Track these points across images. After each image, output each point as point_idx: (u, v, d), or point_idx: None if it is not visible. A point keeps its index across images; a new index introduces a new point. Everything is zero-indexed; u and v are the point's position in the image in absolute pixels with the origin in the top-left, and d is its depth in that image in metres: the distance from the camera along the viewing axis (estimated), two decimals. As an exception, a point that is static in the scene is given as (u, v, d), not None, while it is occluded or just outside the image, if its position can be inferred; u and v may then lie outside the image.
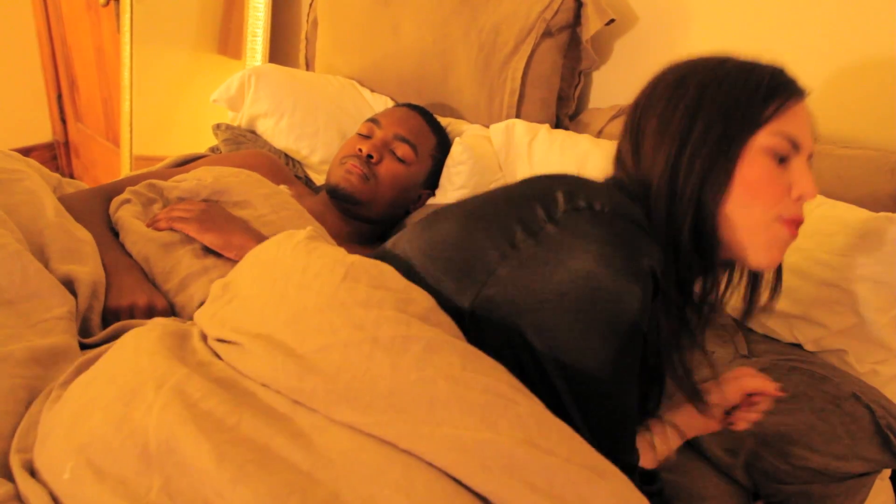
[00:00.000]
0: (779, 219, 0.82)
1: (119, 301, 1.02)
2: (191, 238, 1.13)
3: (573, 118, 1.60)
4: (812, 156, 0.87)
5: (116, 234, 1.17)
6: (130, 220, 1.16)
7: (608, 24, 1.43)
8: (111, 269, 1.06)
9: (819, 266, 1.10)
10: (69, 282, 0.97)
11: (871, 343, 1.11)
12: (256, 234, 1.15)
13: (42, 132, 3.33)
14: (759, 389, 0.92)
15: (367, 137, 1.42)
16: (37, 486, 0.65)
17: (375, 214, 1.43)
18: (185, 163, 1.51)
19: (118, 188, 1.26)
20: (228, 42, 2.33)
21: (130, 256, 1.13)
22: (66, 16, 2.98)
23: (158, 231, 1.14)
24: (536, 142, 1.42)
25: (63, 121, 3.30)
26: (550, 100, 1.54)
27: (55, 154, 3.38)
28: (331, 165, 1.45)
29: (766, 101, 0.85)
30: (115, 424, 0.64)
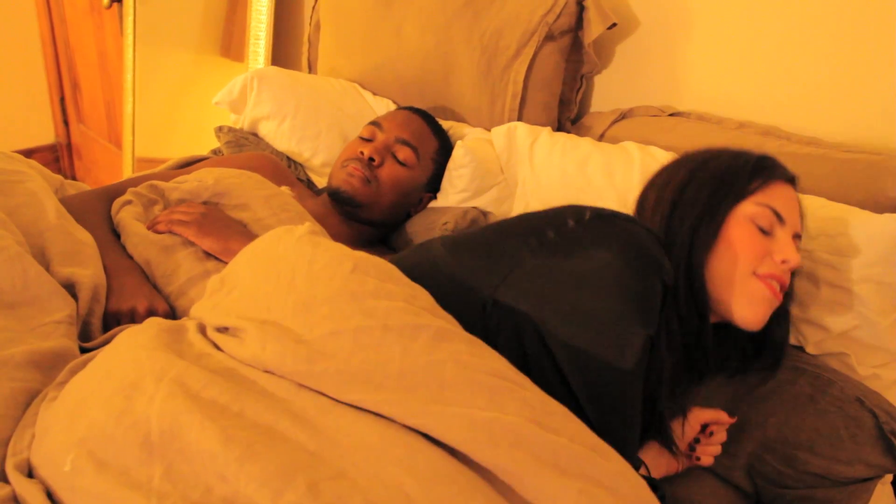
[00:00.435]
0: (755, 274, 0.92)
1: (120, 304, 1.02)
2: (191, 241, 1.13)
3: (575, 122, 1.60)
4: (800, 236, 0.97)
5: (118, 236, 1.17)
6: (131, 223, 1.16)
7: (610, 28, 1.43)
8: (112, 272, 1.06)
9: (822, 267, 1.10)
10: (70, 285, 0.97)
11: (873, 346, 1.11)
12: (254, 238, 1.14)
13: (44, 134, 3.33)
14: (713, 419, 0.98)
15: (369, 140, 1.43)
16: (32, 486, 0.66)
17: (377, 217, 1.43)
18: (188, 165, 1.51)
19: (120, 190, 1.26)
20: (231, 45, 2.33)
21: (131, 259, 1.12)
22: (70, 18, 2.99)
23: (158, 233, 1.14)
24: (538, 145, 1.42)
25: (65, 122, 3.31)
26: (552, 103, 1.54)
27: (57, 156, 3.39)
28: (332, 168, 1.45)
29: (752, 177, 0.96)
30: (116, 416, 0.65)
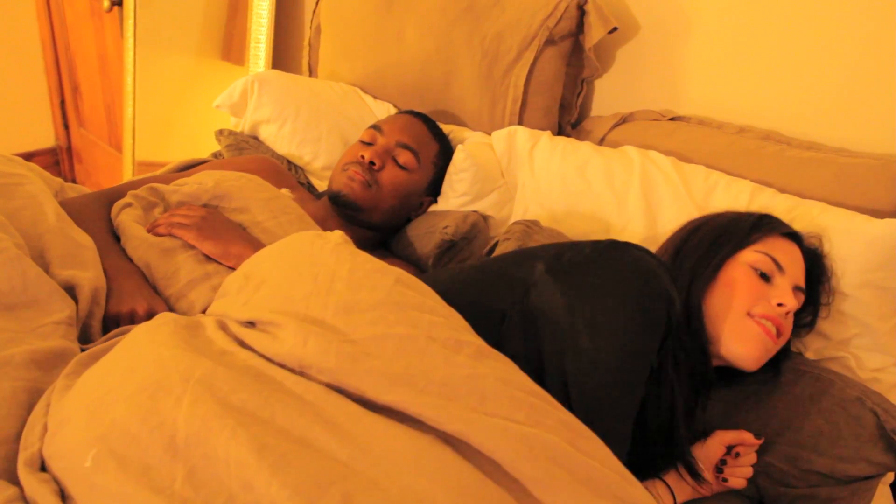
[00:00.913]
0: (749, 315, 0.96)
1: (119, 307, 1.01)
2: (191, 244, 1.13)
3: (575, 126, 1.60)
4: (803, 290, 1.02)
5: (118, 239, 1.17)
6: (131, 225, 1.16)
7: (611, 33, 1.44)
8: (112, 275, 1.06)
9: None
10: (70, 287, 0.97)
11: (873, 351, 1.11)
12: (255, 243, 1.15)
13: (45, 137, 3.33)
14: (737, 441, 0.99)
15: (370, 144, 1.42)
16: (43, 487, 0.65)
17: (377, 221, 1.42)
18: (188, 168, 1.51)
19: (120, 192, 1.26)
20: (232, 48, 2.33)
21: (131, 261, 1.12)
22: (70, 21, 2.99)
23: (158, 236, 1.14)
24: (537, 149, 1.42)
25: (66, 126, 3.31)
26: (553, 107, 1.55)
27: (57, 159, 3.39)
28: (333, 172, 1.45)
29: (753, 229, 1.03)
30: (141, 416, 0.65)
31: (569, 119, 1.59)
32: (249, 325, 0.77)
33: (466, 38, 1.53)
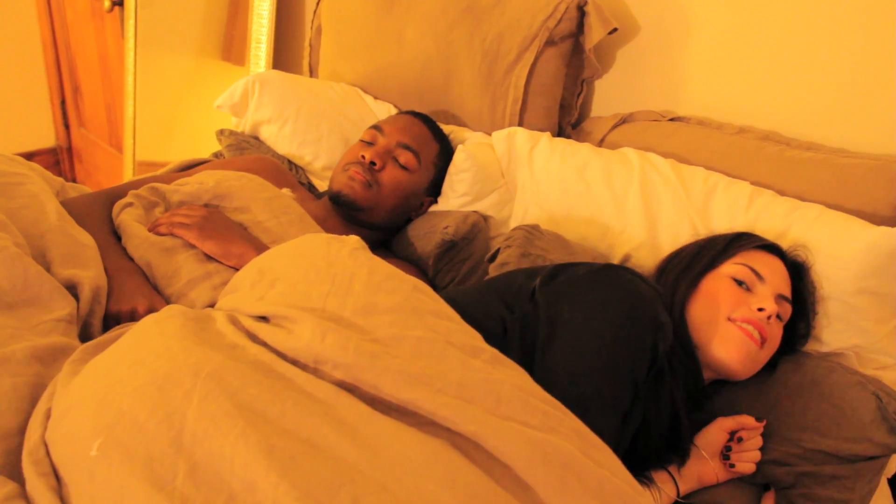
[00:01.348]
0: (731, 319, 0.99)
1: (120, 305, 1.02)
2: (192, 243, 1.13)
3: (575, 126, 1.60)
4: (788, 299, 1.04)
5: (119, 238, 1.17)
6: (132, 224, 1.16)
7: (611, 34, 1.44)
8: (113, 274, 1.06)
9: (819, 278, 1.10)
10: (71, 286, 0.97)
11: (873, 353, 1.11)
12: (256, 243, 1.15)
13: (45, 137, 3.34)
14: (739, 425, 1.00)
15: (371, 144, 1.43)
16: (39, 480, 0.65)
17: (378, 221, 1.43)
18: (189, 167, 1.51)
19: (121, 192, 1.26)
20: (232, 48, 2.33)
21: (132, 260, 1.13)
22: (71, 21, 3.00)
23: (159, 235, 1.14)
24: (537, 150, 1.43)
25: (66, 126, 3.31)
26: (553, 108, 1.55)
27: (58, 159, 3.39)
28: (334, 172, 1.45)
29: (730, 244, 1.07)
30: (149, 407, 0.65)
31: (569, 119, 1.60)
32: (262, 320, 0.78)
33: (467, 39, 1.53)
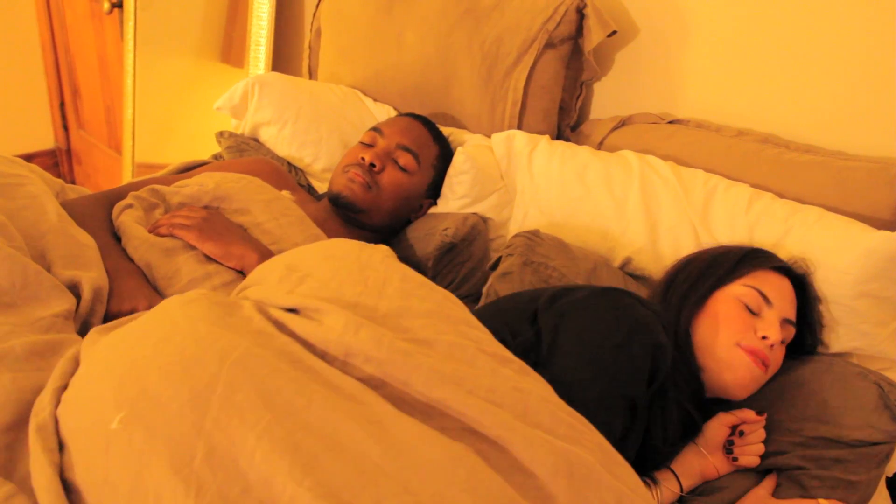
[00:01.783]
0: (738, 345, 0.98)
1: (120, 306, 1.02)
2: (193, 245, 1.13)
3: (574, 129, 1.61)
4: (793, 322, 1.03)
5: (118, 239, 1.17)
6: (132, 226, 1.16)
7: (610, 36, 1.44)
8: (113, 274, 1.06)
9: (820, 282, 1.11)
10: (73, 286, 0.97)
11: (874, 357, 1.12)
12: (256, 244, 1.15)
13: (44, 139, 3.34)
14: (739, 419, 1.00)
15: (370, 146, 1.43)
16: (43, 457, 0.65)
17: (377, 223, 1.43)
18: (189, 169, 1.51)
19: (121, 194, 1.26)
20: (231, 51, 2.34)
21: (132, 261, 1.13)
22: (70, 23, 3.00)
23: (160, 237, 1.14)
24: (536, 153, 1.43)
25: (65, 128, 3.31)
26: (552, 110, 1.55)
27: (57, 161, 3.39)
28: (333, 174, 1.46)
29: (741, 262, 1.04)
30: (174, 388, 0.65)
31: (568, 122, 1.60)
32: (290, 312, 0.78)
33: (466, 42, 1.54)
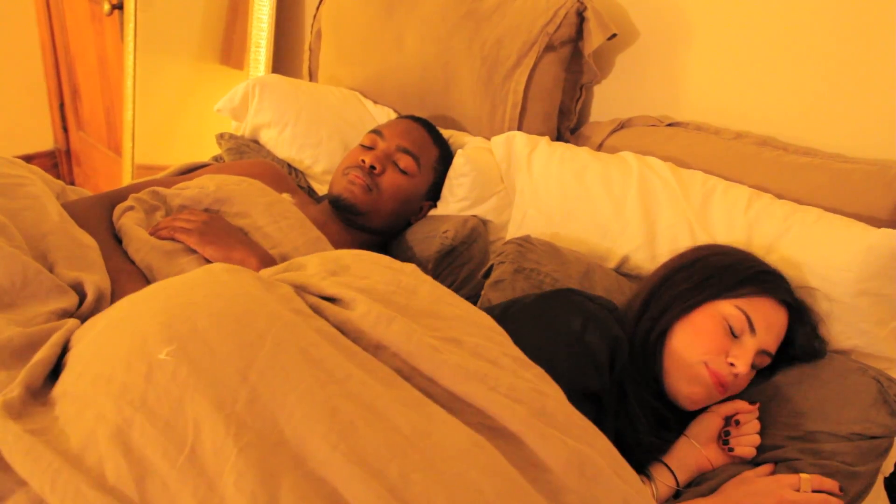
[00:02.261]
0: (704, 363, 0.98)
1: (122, 308, 1.02)
2: (193, 248, 1.13)
3: (574, 131, 1.61)
4: (771, 355, 1.02)
5: (119, 241, 1.17)
6: (133, 228, 1.16)
7: (610, 39, 1.45)
8: (114, 277, 1.06)
9: (820, 280, 1.11)
10: (77, 287, 0.97)
11: (873, 356, 1.12)
12: (257, 248, 1.15)
13: (43, 140, 3.33)
14: (733, 410, 1.01)
15: (370, 148, 1.43)
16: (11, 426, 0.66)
17: (377, 225, 1.43)
18: (190, 171, 1.51)
19: (122, 196, 1.26)
20: (231, 53, 2.34)
21: (133, 263, 1.13)
22: (70, 24, 3.00)
23: (161, 239, 1.14)
24: (536, 154, 1.43)
25: (65, 129, 3.31)
26: (552, 113, 1.55)
27: (56, 162, 3.39)
28: (333, 176, 1.46)
29: (747, 283, 1.02)
30: (224, 335, 0.69)
31: (568, 125, 1.60)
32: (326, 300, 0.82)
33: (466, 44, 1.54)
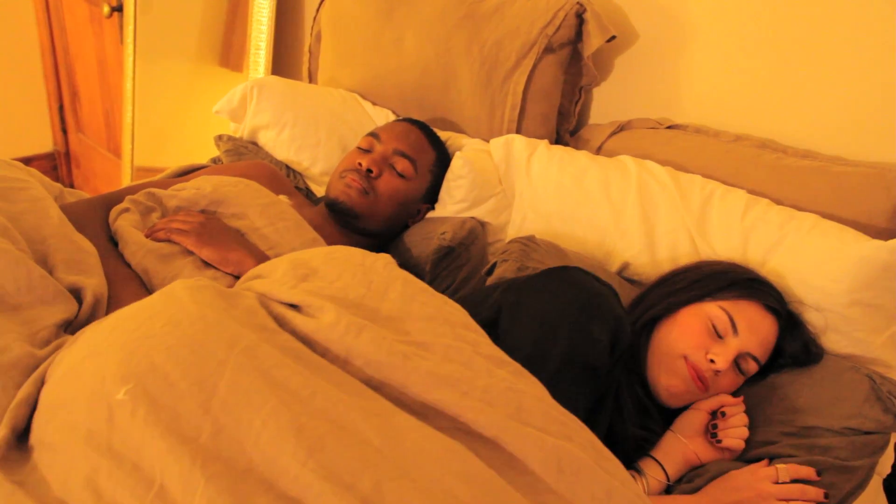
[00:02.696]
0: (684, 357, 1.02)
1: (117, 312, 1.01)
2: (190, 250, 1.12)
3: (573, 134, 1.61)
4: (751, 359, 1.03)
5: (115, 244, 1.17)
6: (129, 230, 1.15)
7: (609, 41, 1.44)
8: (110, 280, 1.06)
9: (812, 291, 1.11)
10: (75, 291, 0.97)
11: (869, 364, 1.11)
12: (253, 250, 1.15)
13: (42, 142, 3.34)
14: (717, 404, 1.02)
15: (367, 151, 1.42)
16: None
17: (374, 228, 1.42)
18: (186, 173, 1.51)
19: (118, 198, 1.26)
20: (230, 55, 2.34)
21: (129, 266, 1.12)
22: (69, 26, 3.00)
23: (157, 241, 1.14)
24: (535, 158, 1.43)
25: (64, 131, 3.31)
26: (551, 115, 1.55)
27: (55, 164, 3.39)
28: (331, 178, 1.45)
29: (733, 287, 1.06)
30: (182, 368, 0.67)
31: (567, 127, 1.60)
32: (292, 308, 0.80)
33: (466, 46, 1.54)
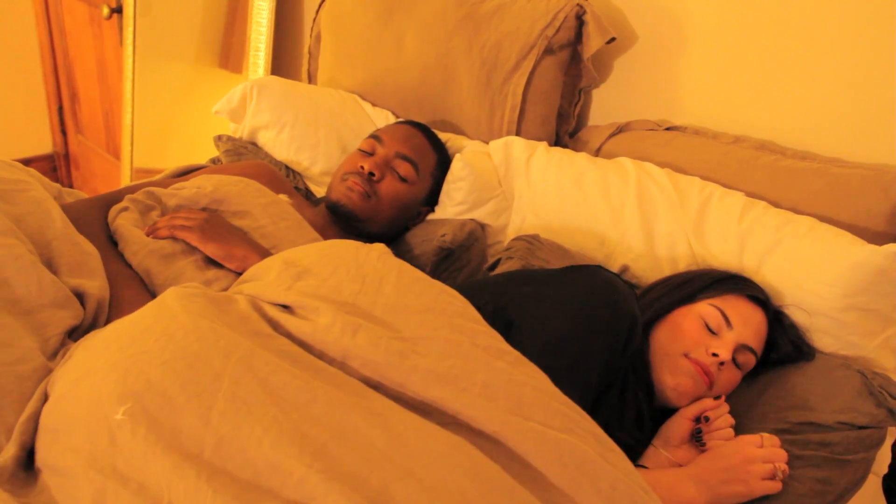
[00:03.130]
0: (686, 355, 1.03)
1: (120, 315, 1.01)
2: (192, 249, 1.12)
3: (573, 135, 1.61)
4: (753, 351, 1.05)
5: (115, 243, 1.16)
6: (130, 229, 1.15)
7: (609, 43, 1.45)
8: (111, 282, 1.05)
9: (807, 294, 1.11)
10: (78, 295, 0.97)
11: (865, 361, 1.11)
12: (257, 246, 1.14)
13: (42, 143, 3.33)
14: (700, 409, 1.01)
15: (369, 154, 1.42)
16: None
17: (375, 231, 1.42)
18: (185, 173, 1.51)
19: (117, 198, 1.25)
20: (230, 56, 2.34)
21: (130, 267, 1.12)
22: (69, 28, 3.00)
23: (159, 239, 1.13)
24: (534, 160, 1.43)
25: (63, 132, 3.31)
26: (551, 116, 1.55)
27: (55, 165, 3.39)
28: (332, 180, 1.45)
29: (717, 284, 1.09)
30: (180, 382, 0.66)
31: (566, 128, 1.60)
32: (286, 310, 0.79)
33: (465, 47, 1.54)
